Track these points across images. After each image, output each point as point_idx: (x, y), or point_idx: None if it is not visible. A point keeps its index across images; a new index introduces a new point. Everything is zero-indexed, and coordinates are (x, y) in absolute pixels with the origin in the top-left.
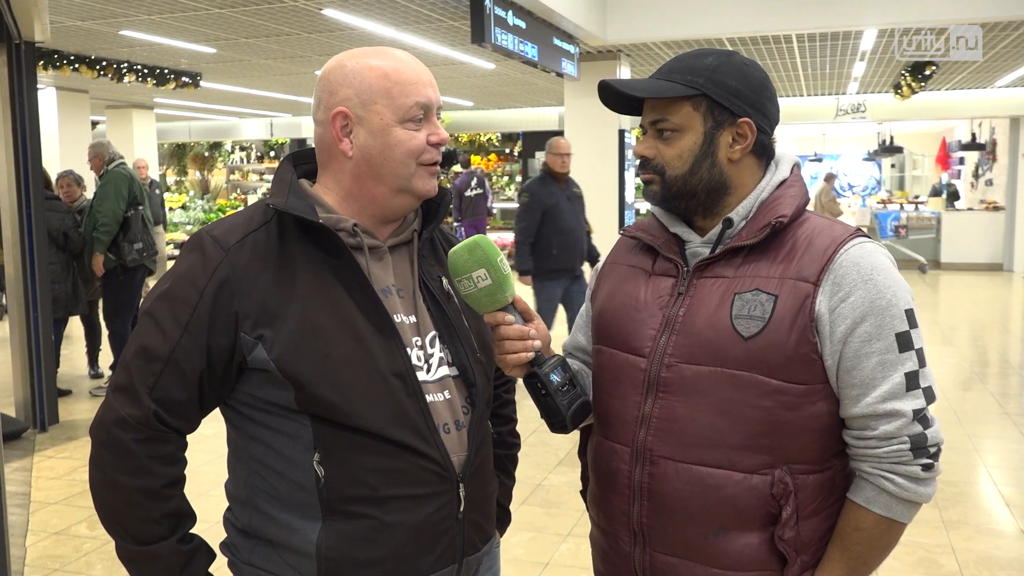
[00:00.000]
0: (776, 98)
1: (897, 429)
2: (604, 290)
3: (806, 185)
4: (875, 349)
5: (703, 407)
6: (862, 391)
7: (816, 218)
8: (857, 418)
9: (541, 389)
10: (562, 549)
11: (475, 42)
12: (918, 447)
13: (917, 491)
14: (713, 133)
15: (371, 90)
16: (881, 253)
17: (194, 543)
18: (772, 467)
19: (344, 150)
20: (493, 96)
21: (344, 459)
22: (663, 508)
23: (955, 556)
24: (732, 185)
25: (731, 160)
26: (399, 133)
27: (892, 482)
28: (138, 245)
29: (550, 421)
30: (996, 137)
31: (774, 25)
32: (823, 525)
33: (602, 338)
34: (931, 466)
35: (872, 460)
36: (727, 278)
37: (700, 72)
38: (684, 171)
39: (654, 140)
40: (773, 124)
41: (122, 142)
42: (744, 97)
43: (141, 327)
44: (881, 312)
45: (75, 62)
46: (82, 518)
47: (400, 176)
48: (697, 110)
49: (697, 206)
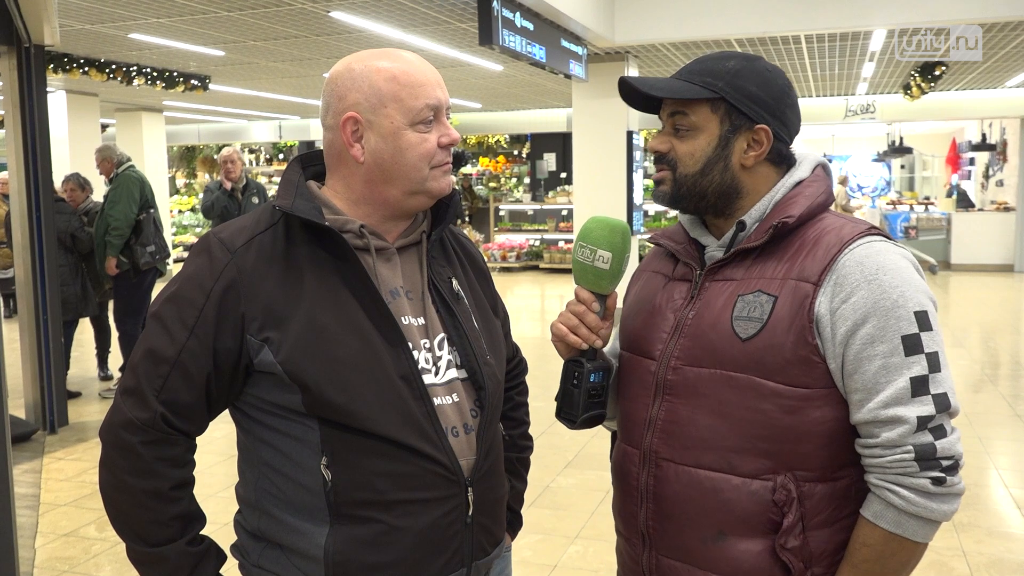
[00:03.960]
0: (798, 106)
1: (900, 437)
2: (630, 297)
3: (828, 185)
4: (878, 352)
5: (703, 409)
6: (865, 396)
7: (831, 217)
8: (861, 425)
9: (575, 380)
10: (570, 551)
11: (483, 44)
12: (925, 458)
13: (928, 506)
14: (728, 137)
15: (380, 94)
16: (893, 252)
17: (204, 545)
18: (774, 472)
19: (355, 155)
20: (501, 98)
21: (352, 463)
22: (665, 511)
23: (966, 559)
24: (743, 190)
25: (744, 166)
26: (410, 136)
27: (897, 495)
28: (151, 248)
29: (563, 408)
30: (1006, 137)
31: (783, 26)
32: (836, 538)
33: (625, 343)
34: (943, 480)
35: (878, 471)
36: (736, 280)
37: (721, 75)
38: (695, 171)
39: (670, 135)
40: (792, 133)
41: (132, 145)
42: (763, 103)
43: (148, 330)
44: (885, 313)
45: (84, 65)
46: (91, 520)
47: (413, 180)
48: (715, 112)
49: (707, 208)
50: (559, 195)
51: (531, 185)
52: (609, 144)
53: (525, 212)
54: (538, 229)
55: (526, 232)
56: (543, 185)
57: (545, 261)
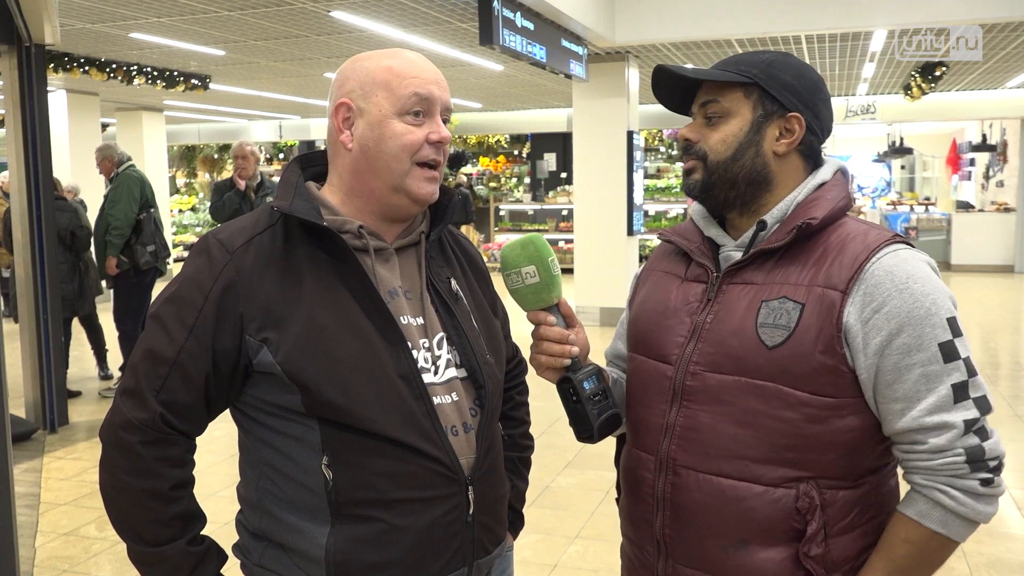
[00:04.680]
0: (831, 103)
1: (948, 442)
2: (640, 296)
3: (848, 189)
4: (916, 361)
5: (726, 417)
6: (907, 405)
7: (853, 223)
8: (904, 432)
9: (573, 396)
10: (570, 551)
11: (483, 44)
12: (975, 460)
13: (976, 508)
14: (761, 123)
15: (373, 81)
16: (919, 260)
17: (204, 545)
18: (797, 481)
19: (344, 142)
20: (501, 98)
21: (352, 462)
22: (683, 519)
23: (966, 559)
24: (774, 180)
25: (776, 153)
26: (396, 125)
27: (948, 495)
28: (151, 247)
29: (577, 429)
30: (1007, 138)
31: (783, 26)
32: (858, 543)
33: (634, 345)
34: (991, 480)
35: (925, 472)
36: (756, 284)
37: (756, 64)
38: (727, 156)
39: (701, 125)
40: (825, 128)
41: (132, 144)
42: (796, 93)
43: (148, 330)
44: (920, 322)
45: (85, 65)
46: (91, 519)
47: (394, 171)
48: (748, 97)
49: (736, 198)
50: (559, 195)
51: (531, 185)
52: (609, 144)
53: (525, 212)
54: (539, 229)
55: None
56: (543, 185)
57: None
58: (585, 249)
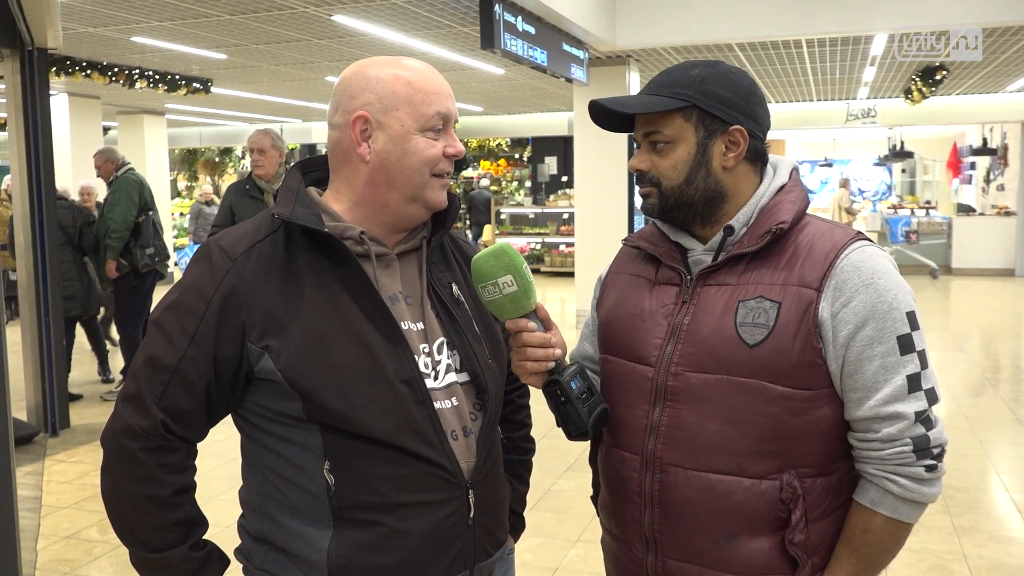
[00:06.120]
0: (765, 103)
1: (899, 431)
2: (609, 300)
3: (805, 189)
4: (877, 352)
5: (711, 414)
6: (865, 394)
7: (816, 222)
8: (860, 421)
9: (561, 397)
10: (571, 555)
11: (484, 48)
12: (921, 448)
13: (921, 491)
14: (706, 143)
15: (394, 96)
16: (881, 256)
17: (206, 549)
18: (780, 472)
19: (362, 154)
20: (502, 101)
21: (354, 467)
22: (673, 515)
23: (967, 563)
24: (728, 193)
25: (725, 168)
26: (418, 141)
27: (896, 483)
28: (150, 250)
29: (568, 429)
30: (1007, 142)
31: (784, 30)
32: (832, 528)
33: (608, 348)
34: (934, 467)
35: (876, 462)
36: (731, 285)
37: (688, 84)
38: (680, 181)
39: (648, 153)
40: (765, 129)
41: (133, 148)
42: (734, 105)
43: (149, 337)
44: (883, 316)
45: (87, 68)
46: (93, 522)
47: (414, 184)
48: (688, 121)
49: (695, 216)
50: (560, 198)
51: (532, 188)
52: (610, 148)
53: (526, 215)
54: (539, 232)
55: (527, 235)
56: (544, 188)
57: (546, 264)
58: (586, 252)
